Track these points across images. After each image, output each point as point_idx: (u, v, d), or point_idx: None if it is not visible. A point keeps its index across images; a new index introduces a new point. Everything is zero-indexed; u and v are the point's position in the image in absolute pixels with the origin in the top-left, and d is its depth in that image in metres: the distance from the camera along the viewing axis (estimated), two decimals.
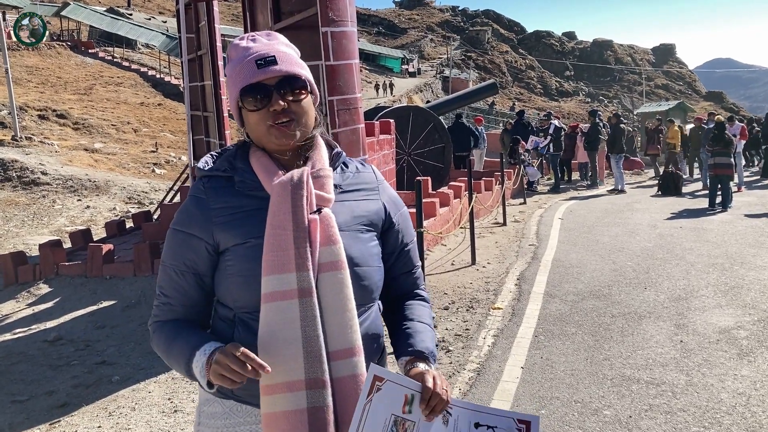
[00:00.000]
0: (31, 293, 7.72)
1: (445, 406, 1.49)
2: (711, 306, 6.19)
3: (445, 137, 13.31)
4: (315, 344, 1.47)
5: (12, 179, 16.19)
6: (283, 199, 1.51)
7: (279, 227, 1.49)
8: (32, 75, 30.90)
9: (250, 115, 1.55)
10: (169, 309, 1.60)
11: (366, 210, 1.65)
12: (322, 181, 1.57)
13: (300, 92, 1.56)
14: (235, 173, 1.59)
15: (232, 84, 1.57)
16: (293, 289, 1.47)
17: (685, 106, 36.19)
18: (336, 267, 1.51)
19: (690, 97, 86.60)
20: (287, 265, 1.47)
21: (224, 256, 1.56)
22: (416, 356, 1.60)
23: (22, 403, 4.68)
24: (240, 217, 1.55)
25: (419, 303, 1.76)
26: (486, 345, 5.28)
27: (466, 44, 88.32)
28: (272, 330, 1.46)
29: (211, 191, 1.58)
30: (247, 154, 1.63)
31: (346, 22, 5.93)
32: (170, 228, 1.61)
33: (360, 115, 6.12)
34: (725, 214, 11.74)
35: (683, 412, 3.99)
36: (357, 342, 1.52)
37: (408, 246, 1.75)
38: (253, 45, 1.57)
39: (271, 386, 1.46)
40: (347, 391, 1.50)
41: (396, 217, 1.72)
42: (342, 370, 1.50)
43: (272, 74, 1.52)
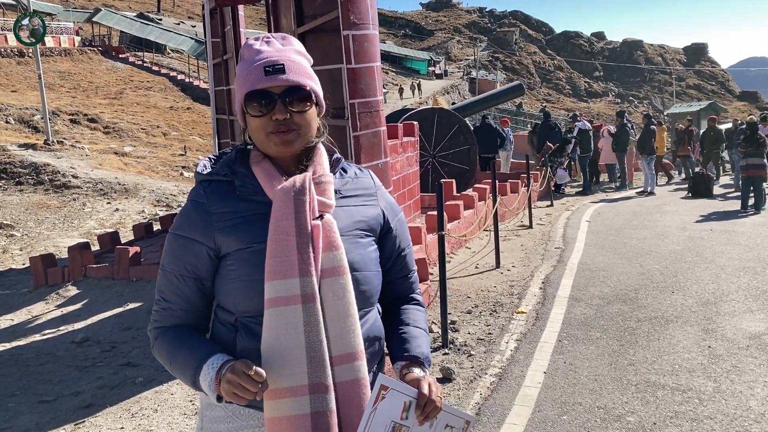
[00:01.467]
0: (60, 295, 7.85)
1: (438, 412, 1.54)
2: (741, 311, 6.05)
3: (470, 139, 13.24)
4: (318, 349, 1.48)
5: (44, 182, 16.52)
6: (286, 204, 1.51)
7: (282, 233, 1.50)
8: (64, 80, 31.54)
9: (252, 120, 1.56)
10: (170, 314, 1.60)
11: (365, 215, 1.65)
12: (323, 187, 1.58)
13: (305, 104, 1.55)
14: (236, 178, 1.59)
15: (239, 85, 1.57)
16: (296, 294, 1.47)
17: (716, 106, 35.54)
18: (338, 272, 1.52)
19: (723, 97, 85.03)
20: (290, 271, 1.48)
21: (225, 260, 1.56)
22: (412, 361, 1.63)
23: (49, 404, 4.75)
24: (241, 222, 1.55)
25: (414, 308, 1.77)
26: (509, 349, 5.23)
27: (494, 45, 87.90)
28: (276, 335, 1.47)
29: (211, 196, 1.58)
30: (247, 158, 1.63)
31: (367, 25, 5.93)
32: (170, 232, 1.62)
33: (381, 117, 6.11)
34: (758, 217, 11.49)
35: (710, 420, 3.91)
36: (359, 346, 1.53)
37: (404, 251, 1.76)
38: (265, 49, 1.57)
39: (275, 391, 1.47)
40: (350, 395, 1.51)
41: (394, 222, 1.73)
42: (344, 375, 1.51)
43: (279, 83, 1.52)
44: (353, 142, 5.94)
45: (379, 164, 6.13)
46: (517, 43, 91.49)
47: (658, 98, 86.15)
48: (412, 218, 9.51)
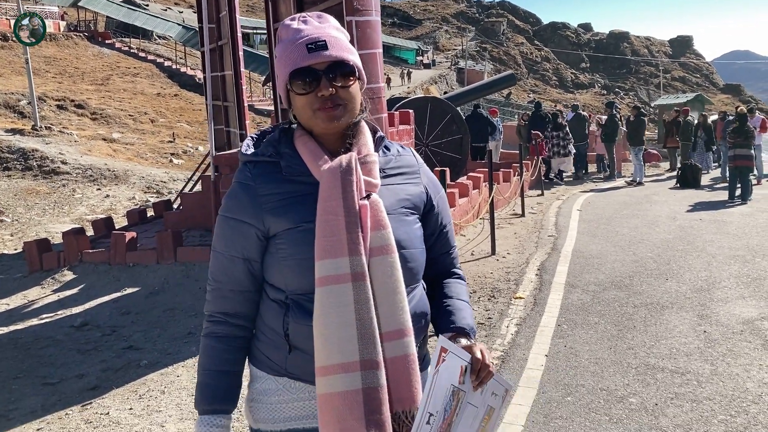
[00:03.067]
0: (56, 280, 7.83)
1: (491, 377, 1.58)
2: (734, 297, 6.18)
3: (462, 128, 13.27)
4: (369, 326, 1.50)
5: (33, 168, 16.37)
6: (334, 185, 1.53)
7: (331, 213, 1.51)
8: (50, 65, 31.16)
9: (297, 99, 1.56)
10: (219, 294, 1.64)
11: (409, 193, 1.67)
12: (369, 167, 1.59)
13: (348, 78, 1.56)
14: (281, 159, 1.60)
15: (281, 65, 1.57)
16: (347, 273, 1.49)
17: (702, 98, 35.87)
18: (386, 251, 1.54)
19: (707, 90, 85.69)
20: (340, 250, 1.50)
21: (275, 240, 1.58)
22: (458, 332, 1.66)
23: (53, 386, 4.77)
24: (290, 203, 1.57)
25: (456, 281, 1.81)
26: (509, 333, 5.31)
27: (482, 35, 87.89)
28: (327, 313, 1.49)
29: (258, 178, 1.59)
30: (290, 138, 1.64)
31: (370, 11, 5.94)
32: (220, 215, 1.63)
33: (383, 104, 6.14)
34: (745, 207, 11.66)
35: (709, 401, 4.01)
36: (408, 323, 1.55)
37: (446, 227, 1.79)
38: (304, 27, 1.57)
39: (327, 367, 1.49)
40: (400, 370, 1.53)
41: (436, 199, 1.75)
42: (394, 351, 1.53)
43: (322, 59, 1.53)
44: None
45: None
46: (504, 34, 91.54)
47: (644, 90, 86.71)
48: None
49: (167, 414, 4.07)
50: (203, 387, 1.63)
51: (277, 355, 1.61)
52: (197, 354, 5.04)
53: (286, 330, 1.57)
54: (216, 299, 1.65)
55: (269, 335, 1.62)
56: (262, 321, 1.65)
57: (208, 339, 1.65)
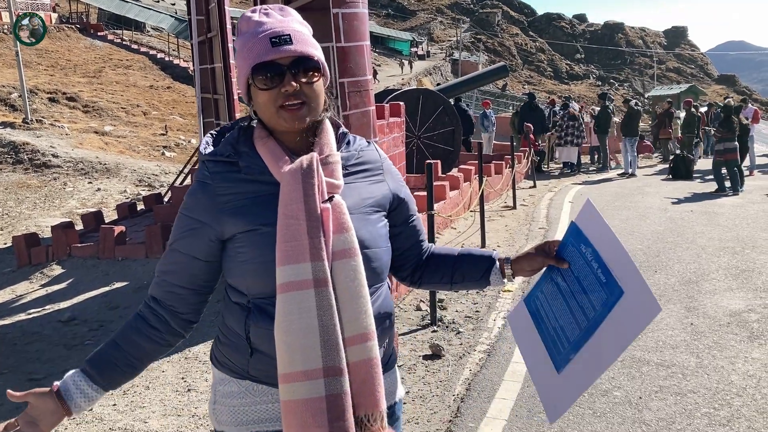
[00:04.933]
0: (45, 274, 7.80)
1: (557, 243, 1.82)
2: (722, 289, 6.19)
3: (455, 120, 13.25)
4: (332, 333, 1.47)
5: (23, 162, 16.29)
6: (294, 187, 1.49)
7: (291, 217, 1.48)
8: (42, 58, 30.97)
9: (260, 94, 1.52)
10: (162, 285, 1.63)
11: (373, 192, 1.65)
12: (331, 168, 1.55)
13: (313, 74, 1.53)
14: (240, 158, 1.56)
15: (242, 59, 1.53)
16: (308, 279, 1.46)
17: (696, 89, 35.95)
18: (349, 254, 1.51)
19: (702, 80, 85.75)
20: (302, 256, 1.47)
21: (233, 242, 1.55)
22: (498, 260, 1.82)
23: (38, 382, 4.74)
24: (249, 204, 1.53)
25: (437, 246, 1.89)
26: (496, 327, 5.31)
27: (476, 27, 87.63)
28: (289, 320, 1.46)
29: (216, 176, 1.56)
30: (250, 136, 1.60)
31: (357, 3, 5.89)
32: (179, 212, 1.61)
33: (371, 97, 6.10)
34: (736, 198, 11.69)
35: (693, 394, 4.01)
36: (371, 327, 1.52)
37: (414, 217, 1.81)
38: (267, 20, 1.53)
39: (290, 374, 1.46)
40: (363, 375, 1.50)
41: (402, 194, 1.75)
42: (357, 355, 1.50)
43: (286, 54, 1.49)
44: (343, 121, 5.92)
45: None
46: (499, 25, 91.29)
47: (639, 81, 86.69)
48: None
49: (151, 410, 4.06)
50: (95, 350, 1.64)
51: (239, 357, 1.58)
52: (183, 349, 5.03)
53: (247, 333, 1.54)
54: (162, 289, 1.63)
55: (231, 338, 1.60)
56: (225, 324, 1.62)
57: (131, 317, 1.66)
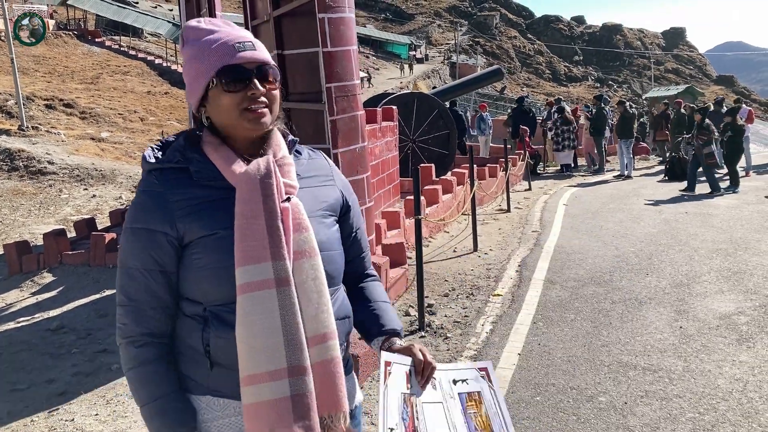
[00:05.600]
0: (35, 282, 7.78)
1: (434, 371, 1.61)
2: (713, 292, 6.16)
3: (450, 124, 13.24)
4: (296, 332, 1.47)
5: (19, 169, 16.28)
6: (253, 188, 1.49)
7: (250, 217, 1.47)
8: (39, 64, 31.01)
9: (224, 97, 1.51)
10: (140, 315, 1.53)
11: (326, 196, 1.67)
12: (286, 169, 1.57)
13: (274, 82, 1.55)
14: (190, 164, 1.54)
15: (201, 62, 1.52)
16: (270, 278, 1.46)
17: (693, 90, 35.92)
18: (309, 254, 1.52)
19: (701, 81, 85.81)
20: (262, 255, 1.46)
21: (189, 249, 1.52)
22: (391, 335, 1.69)
23: (22, 392, 4.72)
24: (203, 208, 1.51)
25: (375, 283, 1.82)
26: (484, 332, 5.28)
27: (474, 30, 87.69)
28: (252, 320, 1.44)
29: (167, 184, 1.52)
30: (197, 143, 1.58)
31: (343, 8, 5.88)
32: (127, 228, 1.55)
33: (358, 101, 6.09)
34: (732, 200, 11.65)
35: (679, 398, 3.98)
36: (332, 326, 1.54)
37: (359, 229, 1.79)
38: (218, 28, 1.54)
39: (254, 376, 1.45)
40: (325, 374, 1.51)
41: (350, 202, 1.76)
42: (320, 355, 1.51)
43: (252, 59, 1.51)
44: (330, 126, 5.92)
45: (357, 149, 6.12)
46: (497, 28, 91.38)
47: (637, 82, 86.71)
48: (391, 203, 9.52)
49: (132, 419, 4.03)
50: (166, 414, 1.50)
51: (198, 372, 1.54)
52: None
53: (206, 346, 1.51)
54: (136, 320, 1.53)
55: (187, 353, 1.56)
56: (180, 338, 1.57)
57: (144, 367, 1.52)
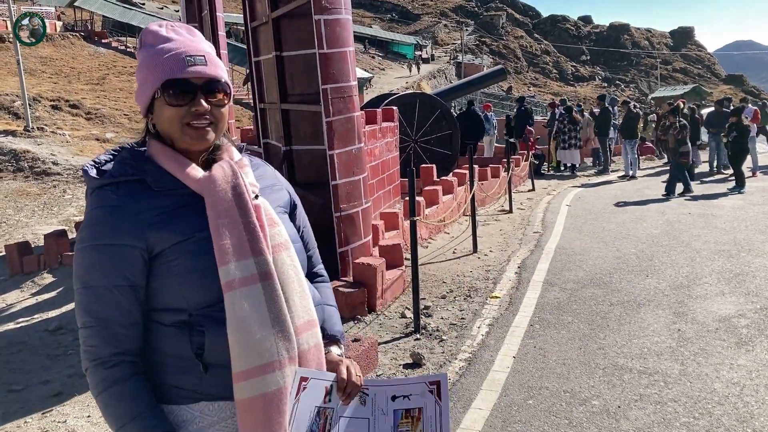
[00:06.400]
0: (36, 283, 7.81)
1: (359, 390, 1.62)
2: (713, 294, 6.10)
3: (452, 124, 13.21)
4: (284, 323, 1.50)
5: (24, 169, 16.35)
6: (223, 189, 1.51)
7: (226, 217, 1.49)
8: (46, 66, 31.12)
9: (166, 109, 1.50)
10: (109, 335, 1.46)
11: (279, 196, 1.72)
12: (246, 171, 1.60)
13: (223, 97, 1.55)
14: (146, 175, 1.52)
15: (149, 71, 1.51)
16: (254, 273, 1.48)
17: (700, 90, 35.69)
18: (285, 246, 1.58)
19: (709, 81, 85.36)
20: (243, 252, 1.48)
21: (163, 258, 1.48)
22: (330, 340, 1.72)
23: (17, 393, 4.73)
24: (173, 216, 1.50)
25: (323, 284, 1.84)
26: (480, 334, 5.25)
27: (481, 29, 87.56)
28: (241, 316, 1.45)
29: (127, 197, 1.49)
30: (142, 154, 1.56)
31: (339, 10, 5.87)
32: (86, 246, 1.47)
33: (355, 103, 6.07)
34: (736, 200, 11.56)
35: (674, 402, 3.94)
36: (314, 312, 1.61)
37: (305, 227, 1.83)
38: (176, 37, 1.54)
39: (247, 371, 1.45)
40: (312, 360, 1.57)
41: (296, 201, 1.80)
42: (308, 341, 1.56)
43: (200, 74, 1.50)
44: (326, 127, 5.91)
45: (353, 150, 6.10)
46: (504, 27, 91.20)
47: (645, 82, 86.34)
48: (391, 203, 9.50)
49: None
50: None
51: (189, 380, 1.51)
52: None
53: (197, 350, 1.48)
54: (105, 341, 1.47)
55: (173, 364, 1.51)
56: (160, 351, 1.52)
57: (118, 386, 1.45)
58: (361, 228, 6.15)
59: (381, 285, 5.97)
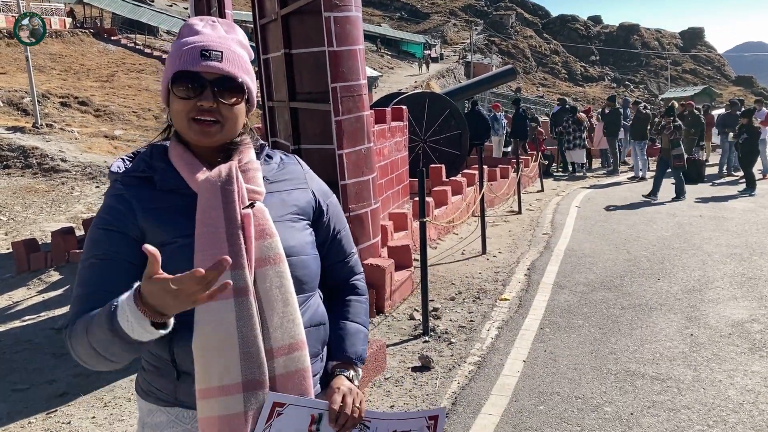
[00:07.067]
0: (42, 280, 7.79)
1: (356, 423, 1.51)
2: (725, 298, 6.02)
3: (461, 124, 13.13)
4: (252, 344, 1.42)
5: (32, 166, 16.39)
6: (213, 195, 1.45)
7: (210, 225, 1.43)
8: (55, 62, 31.22)
9: (176, 102, 1.47)
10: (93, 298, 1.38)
11: (297, 199, 1.61)
12: (251, 174, 1.52)
13: (234, 96, 1.49)
14: (155, 173, 1.51)
15: (169, 63, 1.49)
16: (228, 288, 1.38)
17: (710, 91, 35.47)
18: (274, 261, 1.47)
19: (719, 82, 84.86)
20: None
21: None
22: (344, 361, 1.62)
23: (22, 392, 4.69)
24: (166, 216, 1.47)
25: (354, 298, 1.74)
26: (489, 337, 5.18)
27: (490, 29, 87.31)
28: (206, 332, 1.40)
29: (131, 189, 1.50)
30: (164, 152, 1.55)
31: (349, 7, 5.81)
32: (94, 228, 1.50)
33: (365, 102, 6.01)
34: (748, 203, 11.45)
35: (687, 410, 3.87)
36: (300, 336, 1.49)
37: (339, 233, 1.72)
38: (207, 32, 1.50)
39: (207, 390, 1.41)
40: (291, 386, 1.47)
41: (325, 205, 1.69)
42: (286, 366, 1.46)
43: (212, 69, 1.45)
44: (335, 126, 5.85)
45: (362, 149, 6.04)
46: (513, 27, 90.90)
47: (654, 83, 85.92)
48: (400, 204, 9.43)
49: (129, 423, 3.98)
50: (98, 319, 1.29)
51: (165, 383, 1.51)
52: None
53: (172, 354, 1.46)
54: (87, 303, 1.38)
55: (154, 363, 1.52)
56: (148, 350, 1.51)
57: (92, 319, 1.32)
58: (370, 229, 6.09)
59: (390, 286, 5.91)
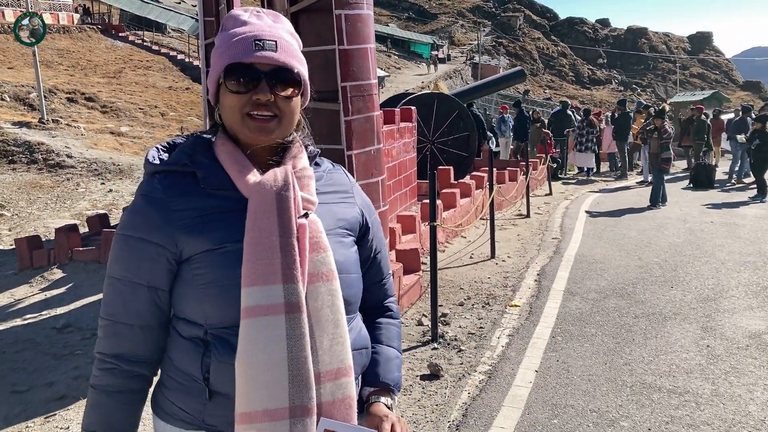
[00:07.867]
0: (45, 278, 7.67)
1: None
2: (741, 308, 5.87)
3: (470, 125, 12.99)
4: (303, 367, 1.29)
5: (38, 162, 16.30)
6: (268, 201, 1.32)
7: (263, 232, 1.30)
8: (63, 58, 31.20)
9: (228, 97, 1.36)
10: (113, 332, 1.39)
11: (345, 213, 1.49)
12: (305, 182, 1.40)
13: (291, 88, 1.37)
14: (198, 169, 1.37)
15: (218, 56, 1.37)
16: (279, 303, 1.28)
17: (720, 95, 35.18)
18: (326, 277, 1.35)
19: (726, 87, 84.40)
20: (273, 276, 1.29)
21: (190, 264, 1.35)
22: (382, 388, 1.49)
23: (21, 394, 4.58)
24: (209, 220, 1.35)
25: (388, 322, 1.62)
26: (500, 345, 5.05)
27: (497, 30, 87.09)
28: (253, 350, 1.27)
29: (169, 190, 1.36)
30: (208, 145, 1.42)
31: (361, 5, 5.69)
32: (119, 234, 1.38)
33: (375, 102, 5.89)
34: (760, 209, 11.29)
35: (707, 426, 3.73)
36: (348, 360, 1.37)
37: (380, 253, 1.60)
38: (255, 22, 1.38)
39: (250, 414, 1.27)
40: (339, 416, 1.33)
41: (371, 222, 1.56)
42: (333, 393, 1.34)
43: (268, 60, 1.33)
44: (345, 126, 5.73)
45: (372, 150, 5.92)
46: (521, 29, 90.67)
47: (662, 87, 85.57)
48: (407, 206, 9.31)
49: None
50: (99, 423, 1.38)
51: (193, 404, 1.37)
52: None
53: (205, 373, 1.34)
54: (109, 337, 1.39)
55: (182, 381, 1.38)
56: (172, 365, 1.40)
57: (96, 391, 1.40)
58: None
59: (398, 291, 5.78)
